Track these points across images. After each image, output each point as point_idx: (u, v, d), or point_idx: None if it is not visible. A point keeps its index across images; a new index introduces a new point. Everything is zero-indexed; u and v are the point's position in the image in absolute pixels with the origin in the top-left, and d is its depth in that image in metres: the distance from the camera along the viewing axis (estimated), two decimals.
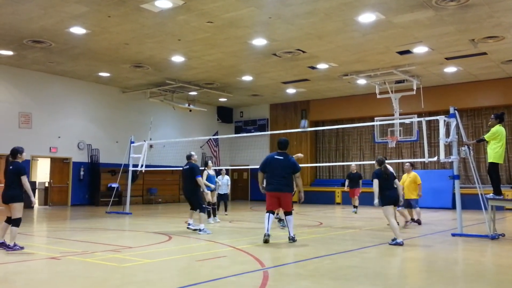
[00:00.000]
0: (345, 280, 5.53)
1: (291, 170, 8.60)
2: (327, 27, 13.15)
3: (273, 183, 8.54)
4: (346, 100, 23.08)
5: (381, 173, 8.58)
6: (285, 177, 8.53)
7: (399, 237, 8.35)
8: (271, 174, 8.59)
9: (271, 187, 8.58)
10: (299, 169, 8.73)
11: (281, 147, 8.78)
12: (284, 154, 8.70)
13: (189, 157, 10.70)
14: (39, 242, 9.13)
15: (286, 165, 8.56)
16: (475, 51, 15.31)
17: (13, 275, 5.75)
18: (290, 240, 8.45)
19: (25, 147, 8.14)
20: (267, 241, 8.29)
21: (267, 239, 8.31)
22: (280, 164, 8.56)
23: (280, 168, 8.53)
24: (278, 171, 8.52)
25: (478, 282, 5.63)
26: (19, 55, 16.30)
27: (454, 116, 9.99)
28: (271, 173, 8.60)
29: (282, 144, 8.79)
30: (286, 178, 8.55)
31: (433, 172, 20.58)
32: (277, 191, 8.51)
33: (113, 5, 11.64)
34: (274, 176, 8.54)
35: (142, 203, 21.83)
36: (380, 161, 8.73)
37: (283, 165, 8.55)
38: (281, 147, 8.79)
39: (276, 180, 8.51)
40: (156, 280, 5.50)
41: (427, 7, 11.58)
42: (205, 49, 15.35)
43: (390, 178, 8.65)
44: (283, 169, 8.53)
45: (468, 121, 20.66)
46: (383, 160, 8.76)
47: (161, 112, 22.82)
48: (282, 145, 8.79)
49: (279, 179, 8.49)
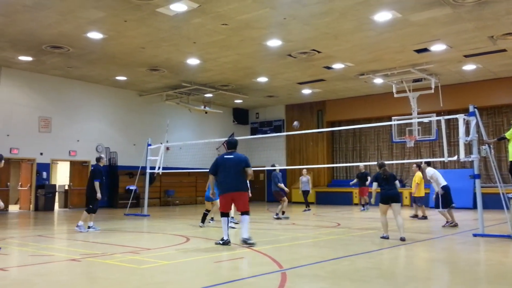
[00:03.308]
0: (363, 281, 5.47)
1: (243, 165, 8.23)
2: (342, 27, 13.08)
3: (227, 183, 8.21)
4: (363, 100, 22.90)
5: (380, 175, 9.33)
6: (238, 175, 8.19)
7: (386, 232, 9.21)
8: (224, 174, 8.23)
9: (225, 188, 8.23)
10: (250, 165, 8.36)
11: (230, 147, 8.52)
12: (234, 153, 8.42)
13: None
14: (59, 244, 9.24)
15: (237, 162, 8.23)
16: (494, 48, 15.06)
17: (35, 277, 5.83)
18: (242, 243, 8.08)
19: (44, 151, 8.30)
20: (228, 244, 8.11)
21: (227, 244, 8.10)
22: (231, 162, 8.24)
23: (233, 166, 8.20)
24: (231, 170, 8.18)
25: (500, 283, 5.52)
26: (38, 61, 16.57)
27: (473, 114, 9.83)
28: (224, 174, 8.24)
29: (231, 144, 8.54)
30: (239, 176, 8.20)
31: (453, 171, 20.28)
32: (232, 191, 8.17)
33: (129, 10, 11.75)
34: (227, 176, 8.20)
35: (160, 205, 21.98)
36: (380, 165, 9.49)
37: (234, 163, 8.22)
38: (230, 146, 8.53)
39: (230, 180, 8.18)
40: (174, 282, 5.53)
41: (444, 4, 11.43)
42: (220, 51, 15.40)
43: (390, 179, 9.31)
44: (236, 166, 8.19)
45: (488, 119, 20.33)
46: (382, 164, 9.51)
47: (177, 115, 22.97)
48: (231, 145, 8.53)
49: (233, 177, 8.16)
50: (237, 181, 8.21)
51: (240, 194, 8.24)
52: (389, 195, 9.16)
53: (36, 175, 18.37)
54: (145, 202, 16.32)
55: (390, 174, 9.37)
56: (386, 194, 9.19)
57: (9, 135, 17.57)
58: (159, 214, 16.75)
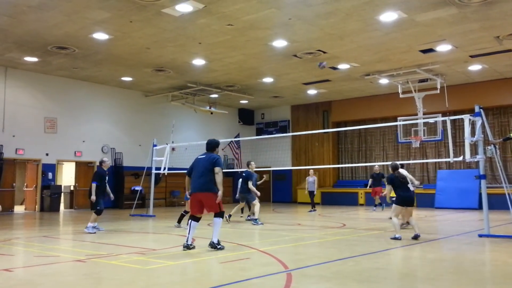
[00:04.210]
0: (369, 282, 5.46)
1: (211, 165, 7.78)
2: (348, 27, 13.05)
3: (194, 182, 7.89)
4: (368, 100, 22.85)
5: (397, 178, 9.31)
6: (205, 174, 7.77)
7: (398, 232, 9.09)
8: (193, 174, 7.96)
9: (192, 188, 7.94)
10: (221, 165, 7.84)
11: (207, 148, 8.19)
12: (207, 153, 8.08)
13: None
14: (65, 245, 9.28)
15: (206, 162, 7.87)
16: (500, 48, 14.99)
17: (40, 277, 5.85)
18: (209, 246, 7.70)
19: (50, 152, 8.33)
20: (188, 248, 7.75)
21: (186, 249, 7.73)
22: (201, 162, 7.93)
23: (201, 166, 7.87)
24: (199, 170, 7.87)
25: (506, 284, 5.48)
26: (44, 62, 16.65)
27: (479, 114, 9.79)
28: (193, 174, 7.97)
29: (207, 145, 8.21)
30: (206, 175, 7.76)
31: (459, 172, 20.21)
32: (198, 191, 7.79)
33: (134, 10, 11.78)
34: (195, 175, 7.91)
35: (165, 205, 22.02)
36: (394, 167, 9.49)
37: (203, 163, 7.89)
38: (207, 148, 8.20)
39: (196, 179, 7.85)
40: (180, 282, 5.53)
41: (450, 5, 11.39)
42: (225, 52, 15.41)
43: (406, 181, 9.41)
44: (204, 166, 7.84)
45: (494, 119, 20.22)
46: (396, 165, 9.52)
47: (183, 115, 23.01)
48: (208, 146, 8.19)
49: (200, 177, 7.80)
50: (204, 181, 7.76)
51: (205, 195, 7.75)
52: (407, 199, 9.24)
53: (42, 175, 18.44)
54: (151, 203, 16.35)
55: (405, 176, 9.48)
56: (404, 197, 9.22)
57: (15, 135, 17.64)
58: (164, 214, 16.77)
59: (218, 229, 7.79)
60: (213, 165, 7.79)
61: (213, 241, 7.73)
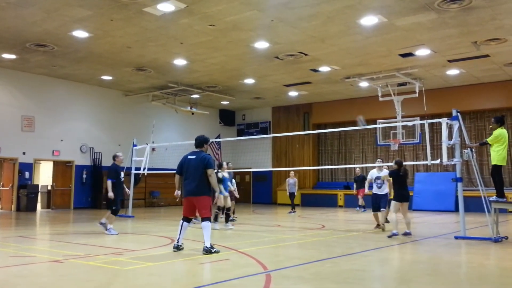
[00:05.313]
0: (347, 283, 5.51)
1: (202, 167, 7.62)
2: (329, 30, 13.16)
3: (186, 186, 7.74)
4: (349, 103, 23.04)
5: (402, 173, 9.95)
6: (197, 177, 7.62)
7: (396, 229, 9.69)
8: (185, 176, 7.76)
9: (185, 192, 7.78)
10: (213, 166, 7.74)
11: (196, 145, 7.98)
12: (197, 153, 7.84)
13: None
14: (41, 245, 9.13)
15: (197, 164, 7.66)
16: (477, 54, 15.29)
17: (16, 278, 5.75)
18: (203, 251, 7.48)
19: (28, 151, 8.19)
20: (178, 249, 7.75)
21: (176, 249, 7.73)
22: (192, 165, 7.71)
23: (192, 168, 7.68)
24: (190, 172, 7.68)
25: (482, 285, 5.60)
26: (22, 59, 16.35)
27: (456, 118, 9.98)
28: (185, 176, 7.77)
29: (196, 142, 7.98)
30: (198, 178, 7.62)
31: (436, 174, 20.53)
32: (191, 195, 7.68)
33: (115, 9, 11.67)
34: (187, 178, 7.73)
35: (145, 206, 21.82)
36: (399, 163, 10.02)
37: (195, 165, 7.67)
38: (196, 144, 7.97)
39: (189, 182, 7.69)
40: (158, 283, 5.50)
41: (430, 10, 11.58)
42: (207, 52, 15.37)
43: (406, 178, 10.08)
44: (195, 169, 7.65)
45: (471, 123, 20.61)
46: (401, 162, 10.08)
47: (163, 115, 22.86)
48: (197, 143, 7.97)
49: (193, 181, 7.64)
50: (197, 185, 7.63)
51: (198, 199, 7.67)
52: (405, 195, 9.93)
53: (18, 175, 18.09)
54: (130, 203, 16.19)
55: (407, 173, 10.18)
56: (402, 194, 9.88)
57: None
58: (143, 215, 16.64)
59: (209, 233, 7.60)
60: (205, 167, 7.64)
61: (206, 246, 7.51)
